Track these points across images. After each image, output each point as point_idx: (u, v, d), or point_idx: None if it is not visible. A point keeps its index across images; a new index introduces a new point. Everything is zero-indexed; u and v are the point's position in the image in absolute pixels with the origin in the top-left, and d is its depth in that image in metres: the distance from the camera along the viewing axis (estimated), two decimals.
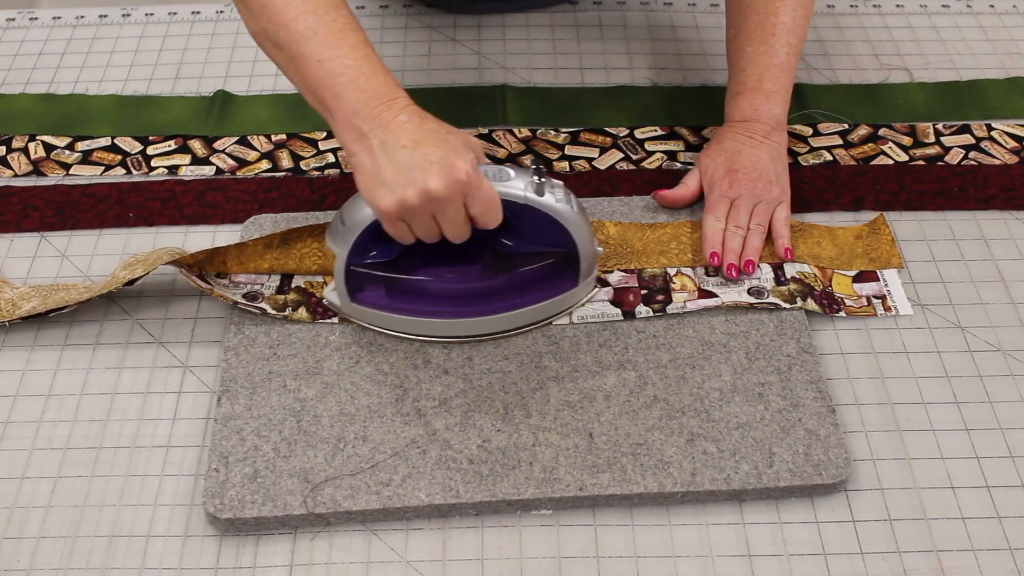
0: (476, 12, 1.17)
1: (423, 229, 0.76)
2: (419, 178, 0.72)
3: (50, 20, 1.18)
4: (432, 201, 0.73)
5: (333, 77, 0.76)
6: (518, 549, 0.74)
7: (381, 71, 0.77)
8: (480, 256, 0.83)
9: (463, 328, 0.83)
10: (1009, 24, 1.17)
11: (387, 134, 0.74)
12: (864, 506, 0.76)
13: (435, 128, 0.75)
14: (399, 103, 0.76)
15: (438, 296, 0.83)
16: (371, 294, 0.83)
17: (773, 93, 0.93)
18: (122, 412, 0.81)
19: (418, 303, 0.83)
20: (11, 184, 0.98)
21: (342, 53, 0.76)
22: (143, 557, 0.74)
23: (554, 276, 0.84)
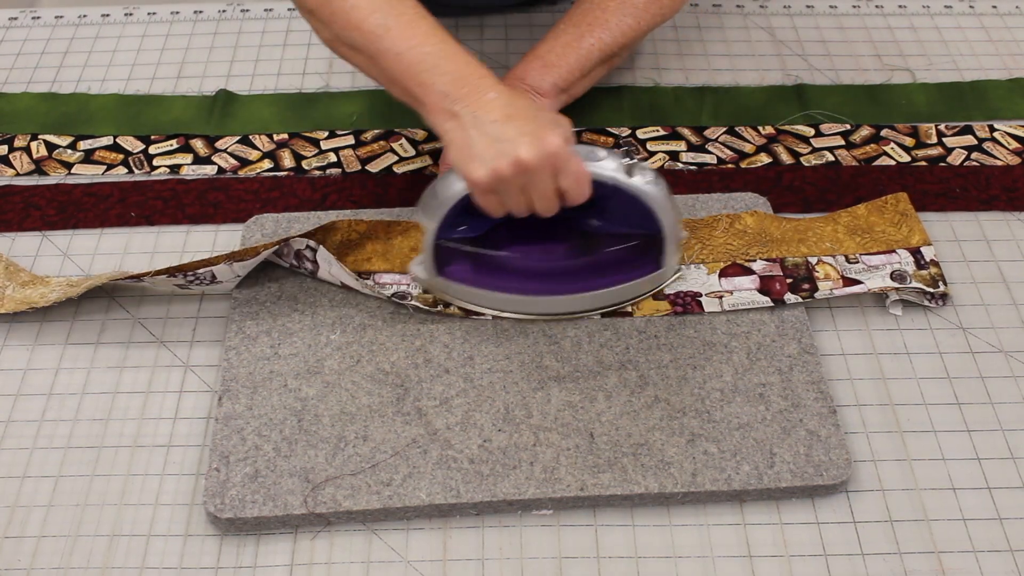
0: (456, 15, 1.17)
1: (513, 201, 0.76)
2: (510, 149, 0.73)
3: (52, 19, 1.18)
4: (524, 172, 0.74)
5: (415, 67, 0.77)
6: (519, 549, 0.74)
7: (461, 52, 0.78)
8: (566, 235, 0.83)
9: (545, 306, 0.84)
10: (1012, 25, 1.17)
11: (478, 110, 0.75)
12: (865, 507, 0.76)
13: (526, 104, 0.77)
14: (486, 81, 0.76)
15: (523, 273, 0.84)
16: (457, 268, 0.84)
17: (553, 65, 0.93)
18: (123, 411, 0.82)
19: (503, 279, 0.84)
20: (13, 183, 0.98)
21: (418, 42, 0.78)
22: (144, 556, 0.74)
23: (638, 259, 0.84)
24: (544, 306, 0.85)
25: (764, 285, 0.87)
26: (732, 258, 0.89)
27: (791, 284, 0.87)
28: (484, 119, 0.75)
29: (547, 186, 0.75)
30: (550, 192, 0.76)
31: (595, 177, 0.77)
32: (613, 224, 0.82)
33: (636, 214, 0.80)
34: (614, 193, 0.78)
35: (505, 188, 0.75)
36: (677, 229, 0.82)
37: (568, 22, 0.95)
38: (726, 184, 0.98)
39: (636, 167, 0.78)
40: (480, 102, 0.75)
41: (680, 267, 0.88)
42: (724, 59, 1.12)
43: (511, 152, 0.73)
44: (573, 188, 0.76)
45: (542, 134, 0.73)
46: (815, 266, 0.89)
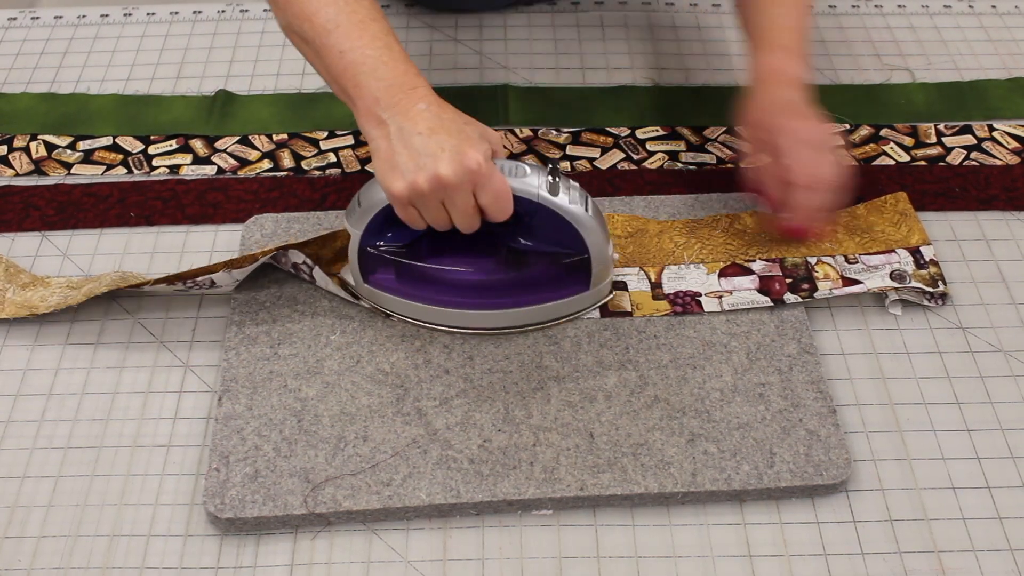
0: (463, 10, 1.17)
1: (432, 215, 0.76)
2: (430, 164, 0.73)
3: (52, 19, 1.18)
4: (442, 187, 0.73)
5: (355, 67, 0.77)
6: (519, 549, 0.74)
7: (402, 60, 0.78)
8: (493, 250, 0.83)
9: (469, 320, 0.84)
10: (1011, 24, 1.17)
11: (405, 121, 0.75)
12: (865, 506, 0.76)
13: (452, 117, 0.76)
14: (419, 92, 0.76)
15: (446, 285, 0.83)
16: (383, 277, 0.83)
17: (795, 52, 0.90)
18: (123, 411, 0.82)
19: (427, 290, 0.83)
20: (13, 183, 0.98)
21: (363, 44, 0.77)
22: (144, 556, 0.74)
23: (565, 278, 0.83)
24: (469, 320, 0.84)
25: (763, 285, 0.87)
26: (731, 258, 0.89)
27: (791, 284, 0.87)
28: (409, 131, 0.74)
29: (466, 202, 0.75)
30: (470, 208, 0.75)
31: (518, 193, 0.76)
32: (539, 242, 0.82)
33: (560, 233, 0.79)
34: (539, 211, 0.78)
35: (423, 202, 0.75)
36: (605, 249, 0.81)
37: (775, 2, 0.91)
38: (726, 184, 0.98)
39: (561, 185, 0.77)
40: (408, 113, 0.75)
41: (613, 290, 0.86)
42: (724, 59, 1.12)
43: (431, 167, 0.73)
44: (492, 205, 0.75)
45: (463, 149, 0.73)
46: (814, 266, 0.89)
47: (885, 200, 0.94)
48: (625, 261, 0.89)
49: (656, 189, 0.97)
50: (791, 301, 0.86)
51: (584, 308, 0.85)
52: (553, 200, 0.77)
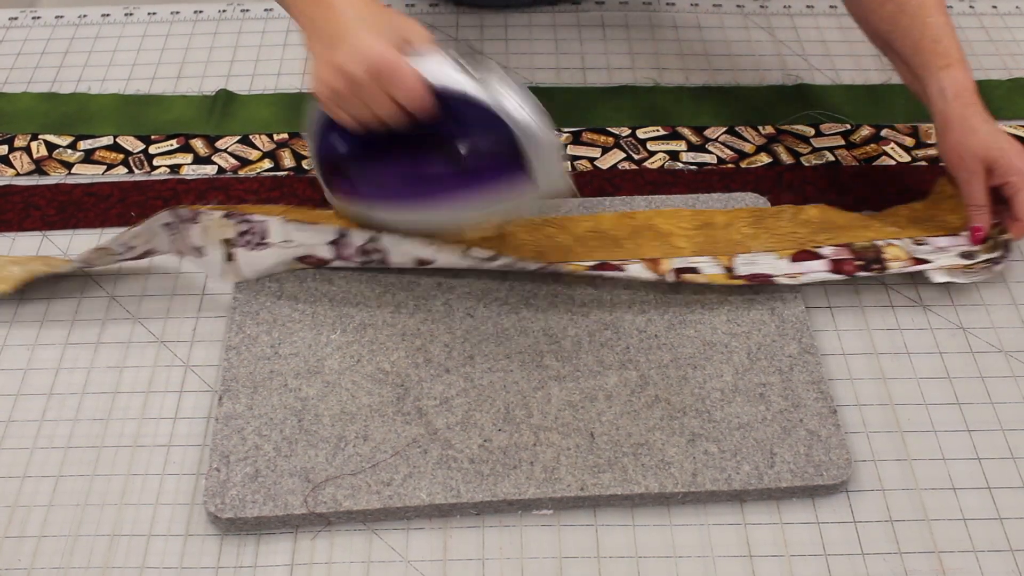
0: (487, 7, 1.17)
1: (355, 112, 0.75)
2: (339, 61, 0.72)
3: (52, 19, 1.18)
4: (353, 85, 0.72)
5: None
6: (519, 549, 0.74)
7: None
8: (435, 145, 0.79)
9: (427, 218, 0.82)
10: (1012, 25, 1.17)
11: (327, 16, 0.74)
12: (865, 507, 0.76)
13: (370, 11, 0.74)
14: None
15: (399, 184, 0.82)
16: (343, 183, 0.84)
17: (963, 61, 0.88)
18: (123, 411, 0.82)
19: (380, 192, 0.82)
20: (13, 183, 0.99)
21: None
22: (144, 556, 0.74)
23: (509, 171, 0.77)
24: (426, 218, 0.82)
25: (836, 267, 0.88)
26: (800, 245, 0.90)
27: (861, 266, 0.88)
28: (327, 28, 0.74)
29: (381, 98, 0.73)
30: (386, 104, 0.73)
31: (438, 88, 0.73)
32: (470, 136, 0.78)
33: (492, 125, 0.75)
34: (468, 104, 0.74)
35: (343, 101, 0.74)
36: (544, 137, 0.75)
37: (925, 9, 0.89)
38: (726, 184, 0.98)
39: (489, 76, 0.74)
40: (332, 7, 0.74)
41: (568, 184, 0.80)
42: (724, 59, 1.12)
43: (340, 65, 0.72)
44: (407, 100, 0.73)
45: (369, 44, 0.71)
46: (883, 248, 0.89)
47: (934, 193, 0.94)
48: (696, 251, 0.89)
49: (656, 189, 0.97)
50: (864, 275, 0.87)
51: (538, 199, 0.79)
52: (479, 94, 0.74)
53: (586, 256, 0.89)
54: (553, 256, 0.89)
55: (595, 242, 0.90)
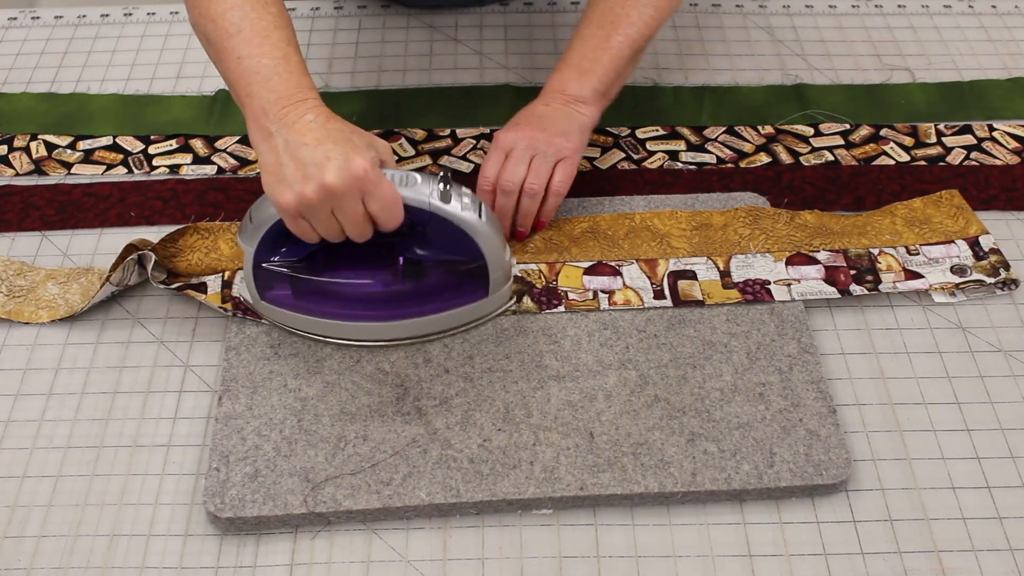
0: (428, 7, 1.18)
1: (323, 226, 0.76)
2: (316, 174, 0.73)
3: (52, 19, 1.18)
4: (330, 196, 0.73)
5: (249, 75, 0.77)
6: (518, 548, 0.74)
7: (296, 72, 0.78)
8: (387, 260, 0.82)
9: (370, 332, 0.83)
10: (1011, 24, 1.17)
11: (291, 133, 0.75)
12: (865, 506, 0.76)
13: (339, 128, 0.76)
14: (308, 103, 0.76)
15: (344, 298, 0.83)
16: (280, 293, 0.82)
17: (588, 72, 0.91)
18: (123, 411, 0.82)
19: (325, 305, 0.82)
20: (13, 183, 0.99)
21: (261, 52, 0.78)
22: (144, 556, 0.74)
23: (463, 285, 0.82)
24: (370, 332, 0.83)
25: (829, 275, 0.88)
26: (796, 248, 0.90)
27: (855, 275, 0.88)
28: (296, 142, 0.74)
29: (356, 210, 0.74)
30: (360, 216, 0.75)
31: (408, 202, 0.76)
32: (433, 250, 0.81)
33: (455, 241, 0.79)
34: (433, 220, 0.77)
35: (313, 213, 0.74)
36: (501, 256, 0.81)
37: (591, 24, 0.94)
38: (725, 184, 0.98)
39: (453, 192, 0.77)
40: (295, 125, 0.75)
41: (514, 297, 0.86)
42: (723, 59, 1.12)
43: (317, 176, 0.72)
44: (382, 212, 0.75)
45: (350, 157, 0.73)
46: (877, 257, 0.89)
47: (940, 195, 0.95)
48: (693, 251, 0.90)
49: (656, 189, 0.97)
50: (857, 293, 0.87)
51: (486, 315, 0.85)
52: (445, 208, 0.77)
53: (582, 256, 0.89)
54: (549, 256, 0.89)
55: (592, 242, 0.91)
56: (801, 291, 0.87)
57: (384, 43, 1.14)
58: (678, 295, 0.87)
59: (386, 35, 1.15)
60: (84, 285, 0.88)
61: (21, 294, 0.88)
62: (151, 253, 0.85)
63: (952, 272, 0.89)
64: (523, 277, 0.87)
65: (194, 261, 0.88)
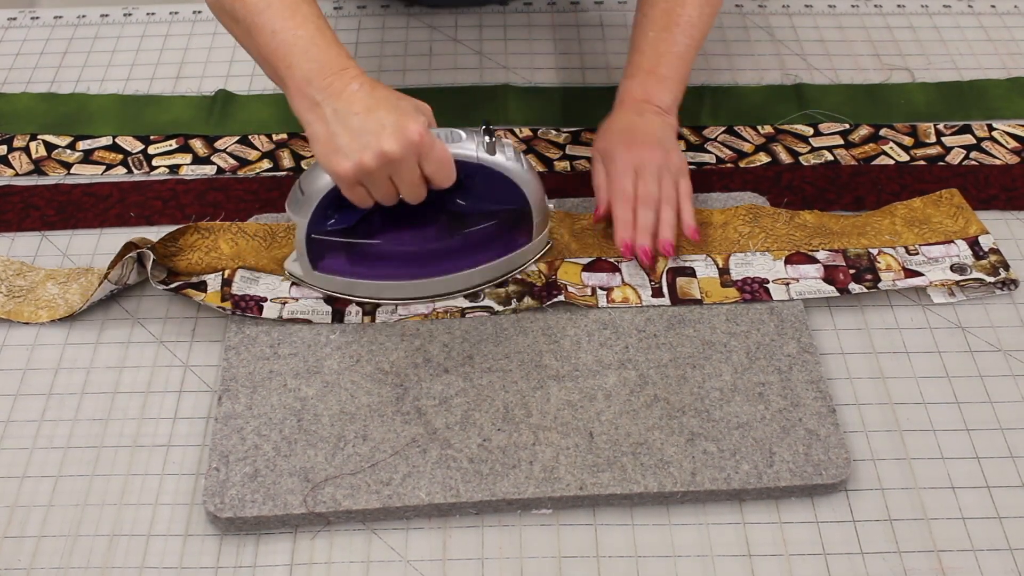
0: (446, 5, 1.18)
1: (381, 191, 0.77)
2: (374, 142, 0.74)
3: (51, 19, 1.18)
4: (388, 163, 0.74)
5: (286, 48, 0.78)
6: (518, 548, 0.74)
7: (333, 42, 0.78)
8: (436, 217, 0.85)
9: (423, 289, 0.85)
10: (1010, 24, 1.17)
11: (339, 102, 0.75)
12: (864, 506, 0.76)
13: (386, 95, 0.77)
14: (350, 72, 0.77)
15: (397, 259, 0.85)
16: (332, 261, 0.84)
17: (667, 79, 0.93)
18: (123, 411, 0.82)
19: (378, 267, 0.85)
20: (12, 183, 0.99)
21: (295, 24, 0.78)
22: (143, 556, 0.74)
23: (509, 233, 0.86)
24: (422, 289, 0.85)
25: (828, 274, 0.88)
26: (796, 247, 0.90)
27: (854, 275, 0.88)
28: (346, 112, 0.75)
29: (413, 174, 0.76)
30: (416, 179, 0.76)
31: (458, 157, 0.78)
32: (480, 202, 0.84)
33: (501, 190, 0.81)
34: (478, 172, 0.80)
35: (371, 180, 0.76)
36: (543, 201, 0.84)
37: (655, 26, 0.94)
38: (725, 184, 0.98)
39: (497, 144, 0.80)
40: (342, 94, 0.76)
41: (550, 240, 0.89)
42: (723, 59, 1.12)
43: (374, 144, 0.74)
44: (438, 173, 0.76)
45: (403, 123, 0.74)
46: (876, 256, 0.89)
47: (940, 195, 0.95)
48: (692, 249, 0.90)
49: None
50: (856, 291, 0.87)
51: (527, 261, 0.87)
52: (492, 159, 0.79)
53: (582, 253, 0.89)
54: (549, 253, 0.89)
55: (591, 239, 0.91)
56: (800, 290, 0.87)
57: (384, 43, 1.14)
58: (676, 293, 0.87)
59: (385, 35, 1.15)
60: (84, 285, 0.88)
61: (21, 294, 0.88)
62: (150, 252, 0.85)
63: (952, 271, 0.89)
64: (523, 279, 0.87)
65: (194, 260, 0.88)
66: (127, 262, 0.86)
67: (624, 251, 0.88)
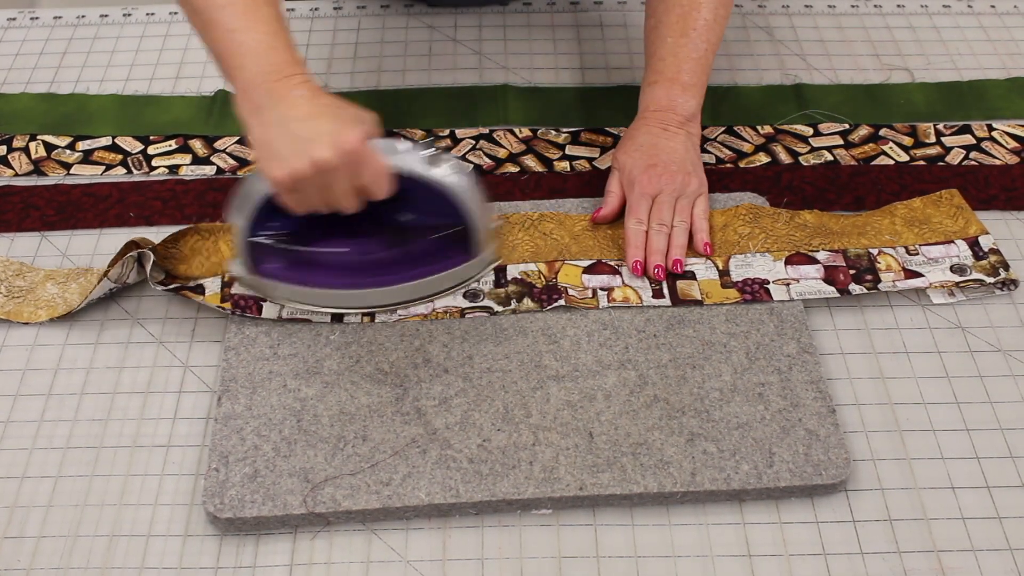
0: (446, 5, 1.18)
1: (315, 199, 0.77)
2: (308, 149, 0.73)
3: (51, 20, 1.18)
4: (322, 171, 0.74)
5: (238, 47, 0.78)
6: (518, 549, 0.74)
7: (285, 47, 0.78)
8: (378, 228, 0.84)
9: (361, 299, 0.85)
10: (1010, 24, 1.17)
11: (281, 107, 0.75)
12: (864, 506, 0.76)
13: (328, 102, 0.77)
14: (296, 79, 0.77)
15: (337, 267, 0.84)
16: (273, 266, 0.84)
17: (690, 86, 0.93)
18: (122, 411, 0.82)
19: (317, 275, 0.84)
20: (12, 183, 0.98)
21: (251, 25, 0.78)
22: (143, 557, 0.74)
23: (450, 248, 0.85)
24: (362, 299, 0.85)
25: (828, 275, 0.88)
26: (796, 248, 0.90)
27: (854, 275, 0.88)
28: (286, 117, 0.75)
29: (346, 184, 0.75)
30: (350, 190, 0.76)
31: (397, 171, 0.77)
32: (422, 216, 0.83)
33: (442, 205, 0.81)
34: (418, 186, 0.79)
35: (305, 187, 0.75)
36: (485, 217, 0.83)
37: (669, 29, 0.94)
38: (725, 184, 0.98)
39: (438, 159, 0.79)
40: (285, 99, 0.75)
41: (498, 256, 0.88)
42: (723, 59, 1.12)
43: (309, 152, 0.73)
44: (373, 183, 0.76)
45: (340, 132, 0.74)
46: (876, 257, 0.89)
47: (940, 195, 0.95)
48: (692, 253, 0.90)
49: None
50: (857, 292, 0.87)
51: (472, 276, 0.87)
52: (430, 173, 0.79)
53: (581, 255, 0.89)
54: (549, 254, 0.89)
55: (591, 240, 0.91)
56: (800, 291, 0.87)
57: (383, 43, 1.14)
58: (677, 294, 0.87)
59: (385, 35, 1.15)
60: (83, 284, 0.88)
61: (20, 294, 0.88)
62: (150, 253, 0.85)
63: (952, 271, 0.89)
64: (523, 279, 0.87)
65: (195, 265, 0.88)
66: (127, 261, 0.86)
67: (635, 271, 0.88)
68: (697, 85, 0.94)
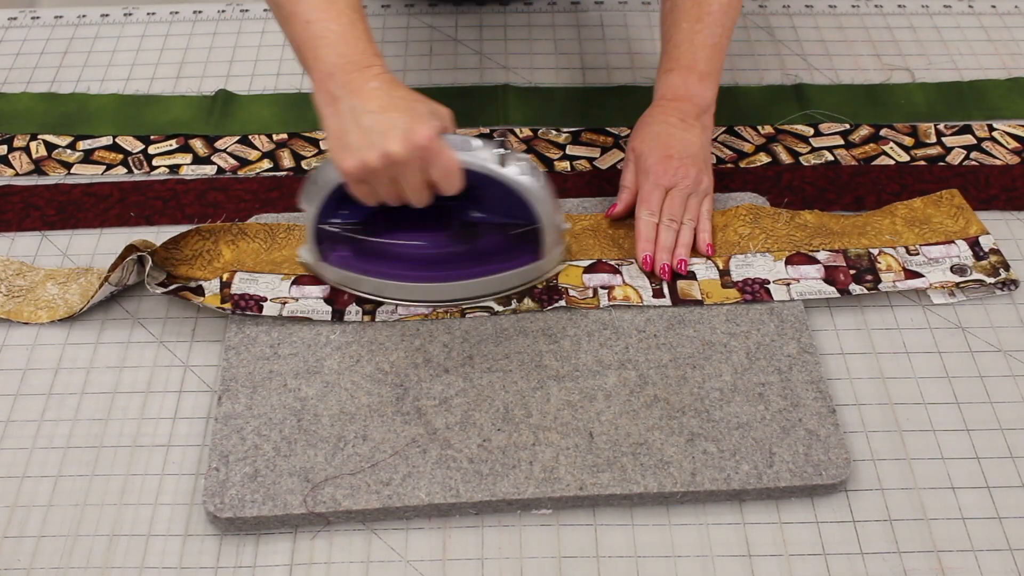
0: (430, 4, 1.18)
1: (384, 191, 0.77)
2: (380, 142, 0.74)
3: (52, 19, 1.18)
4: (392, 164, 0.74)
5: (316, 39, 0.78)
6: (518, 549, 0.74)
7: (363, 38, 0.79)
8: (446, 223, 0.84)
9: (425, 293, 0.85)
10: (1011, 24, 1.17)
11: (356, 99, 0.76)
12: (864, 506, 0.76)
13: (403, 95, 0.77)
14: (373, 70, 0.77)
15: (403, 259, 0.85)
16: (339, 254, 0.84)
17: (707, 75, 0.93)
18: (123, 411, 0.82)
19: (383, 265, 0.84)
20: (12, 183, 0.99)
21: (329, 17, 0.78)
22: (143, 556, 0.74)
23: (518, 248, 0.85)
24: (425, 293, 0.85)
25: (829, 275, 0.88)
26: (796, 248, 0.90)
27: (855, 275, 0.88)
28: (361, 109, 0.75)
29: (417, 178, 0.76)
30: (420, 184, 0.76)
31: (468, 167, 0.77)
32: (491, 213, 0.83)
33: (512, 204, 0.81)
34: (489, 183, 0.79)
35: (375, 179, 0.76)
36: (555, 219, 0.83)
37: (684, 14, 0.94)
38: (725, 184, 0.98)
39: (510, 157, 0.79)
40: (360, 91, 0.76)
41: (565, 259, 0.88)
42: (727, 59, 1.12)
43: (380, 144, 0.74)
44: (442, 180, 0.76)
45: (413, 127, 0.74)
46: (877, 257, 0.90)
47: (940, 195, 0.95)
48: (692, 253, 0.90)
49: None
50: (857, 292, 0.87)
51: (537, 277, 0.86)
52: (502, 172, 0.78)
53: (582, 255, 0.89)
54: None
55: (592, 240, 0.91)
56: (800, 291, 0.87)
57: (384, 43, 1.14)
58: (677, 294, 0.87)
59: (386, 35, 1.15)
60: (83, 285, 0.88)
61: (20, 294, 0.88)
62: (149, 256, 0.85)
63: (952, 272, 0.89)
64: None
65: (195, 267, 0.88)
66: (128, 264, 0.86)
67: (644, 264, 0.88)
68: (713, 73, 0.94)
